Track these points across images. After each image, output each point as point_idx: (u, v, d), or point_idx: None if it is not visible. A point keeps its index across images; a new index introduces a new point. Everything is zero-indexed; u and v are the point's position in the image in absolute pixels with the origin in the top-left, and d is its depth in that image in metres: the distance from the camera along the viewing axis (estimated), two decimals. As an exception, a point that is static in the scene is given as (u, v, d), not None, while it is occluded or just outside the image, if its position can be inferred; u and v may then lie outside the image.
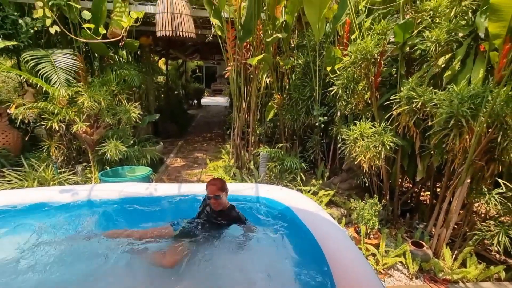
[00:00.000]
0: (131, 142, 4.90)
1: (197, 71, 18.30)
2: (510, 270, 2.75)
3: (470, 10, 2.58)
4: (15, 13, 3.92)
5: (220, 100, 17.10)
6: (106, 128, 4.37)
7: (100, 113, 4.19)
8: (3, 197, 2.97)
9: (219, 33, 4.20)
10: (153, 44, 6.73)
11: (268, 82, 5.21)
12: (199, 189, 3.32)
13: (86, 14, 2.67)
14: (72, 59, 4.05)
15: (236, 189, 3.44)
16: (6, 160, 4.12)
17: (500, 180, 2.56)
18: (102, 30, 2.57)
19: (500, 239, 2.53)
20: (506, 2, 2.00)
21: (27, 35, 4.00)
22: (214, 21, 4.05)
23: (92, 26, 2.58)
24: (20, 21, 3.93)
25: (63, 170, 4.19)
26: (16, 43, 3.88)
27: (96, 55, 5.00)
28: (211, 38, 4.54)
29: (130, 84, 4.85)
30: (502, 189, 2.55)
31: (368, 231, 3.21)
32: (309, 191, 4.22)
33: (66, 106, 4.00)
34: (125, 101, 4.54)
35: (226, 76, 4.45)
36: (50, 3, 3.33)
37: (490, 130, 2.33)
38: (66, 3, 3.38)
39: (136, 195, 3.13)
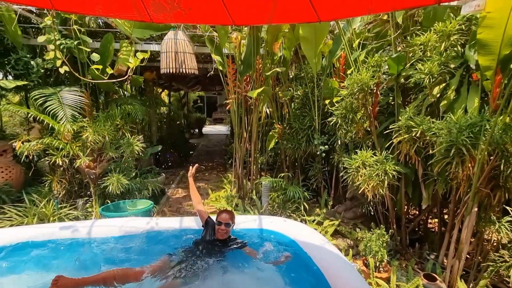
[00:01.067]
0: (133, 174, 4.90)
1: (199, 101, 18.83)
2: (531, 304, 2.60)
3: (459, 44, 2.72)
4: (28, 55, 4.15)
5: (221, 129, 17.34)
6: (109, 161, 4.40)
7: (104, 147, 4.24)
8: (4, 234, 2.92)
9: (220, 68, 4.39)
10: (157, 78, 6.99)
11: (268, 112, 5.33)
12: (200, 223, 3.26)
13: (95, 56, 2.83)
14: (78, 95, 4.20)
15: (239, 221, 3.37)
16: (7, 196, 4.11)
17: (508, 208, 2.51)
18: (109, 71, 2.71)
19: (516, 271, 2.42)
20: (492, 37, 2.12)
21: (38, 74, 4.20)
22: (216, 57, 4.26)
23: (100, 67, 2.72)
24: (32, 62, 4.15)
25: (64, 204, 4.15)
26: (26, 82, 4.05)
27: (102, 90, 5.19)
28: (212, 72, 4.74)
29: (134, 117, 4.97)
30: (511, 217, 2.49)
31: (377, 264, 3.08)
32: (313, 221, 4.13)
33: (70, 141, 4.07)
34: (129, 134, 4.63)
35: (227, 108, 4.57)
36: (61, 46, 3.54)
37: (492, 158, 2.34)
38: (76, 46, 3.58)
39: (137, 230, 3.07)
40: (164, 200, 5.59)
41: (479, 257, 2.90)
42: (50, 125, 4.00)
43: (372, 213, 3.86)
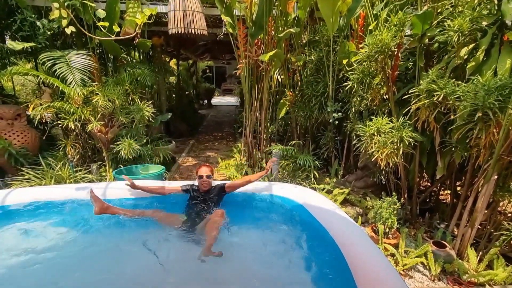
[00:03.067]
0: (144, 141, 4.94)
1: (208, 71, 18.43)
2: (541, 272, 2.59)
3: (495, -3, 2.44)
4: (33, 16, 4.03)
5: (230, 100, 17.13)
6: (120, 127, 4.42)
7: (114, 112, 4.24)
8: (25, 194, 3.05)
9: (231, 30, 4.17)
10: (165, 45, 6.78)
11: (279, 79, 5.14)
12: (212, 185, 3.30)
13: (101, 13, 2.70)
14: (87, 59, 4.12)
15: (250, 188, 3.40)
16: (25, 159, 4.23)
17: (529, 177, 2.41)
18: (116, 28, 2.59)
19: (530, 239, 2.38)
20: (538, -15, 1.87)
21: (44, 36, 4.10)
22: (226, 19, 4.03)
23: (106, 24, 2.60)
24: (38, 23, 4.03)
25: (79, 168, 4.26)
26: (34, 44, 3.97)
27: (110, 55, 5.08)
28: (222, 36, 4.52)
29: (142, 83, 4.90)
30: (532, 186, 2.40)
31: (387, 231, 3.10)
32: (323, 190, 4.13)
33: (81, 106, 4.07)
34: (138, 100, 4.59)
35: (237, 74, 4.42)
36: (65, 4, 3.39)
37: (519, 123, 2.20)
38: (81, 2, 3.43)
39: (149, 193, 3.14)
40: (175, 168, 5.69)
41: (491, 228, 2.87)
42: (60, 89, 3.98)
43: (383, 183, 3.82)
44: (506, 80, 2.17)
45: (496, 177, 2.46)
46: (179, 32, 3.28)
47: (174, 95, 9.70)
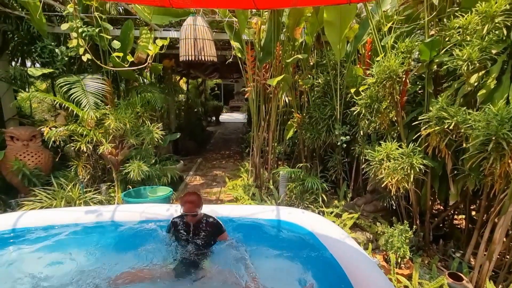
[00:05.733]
0: (153, 161, 5.01)
1: (216, 89, 18.82)
2: None
3: (504, 26, 2.45)
4: (52, 43, 4.25)
5: (238, 117, 17.32)
6: (130, 148, 4.50)
7: (125, 134, 4.33)
8: (34, 217, 3.09)
9: (239, 55, 4.29)
10: (175, 66, 7.00)
11: (287, 100, 5.20)
12: (219, 210, 3.28)
13: (116, 44, 2.83)
14: (101, 83, 4.28)
15: (256, 211, 3.37)
16: (38, 179, 4.33)
17: (549, 208, 2.31)
18: (130, 58, 2.70)
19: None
20: (546, 18, 1.87)
21: (62, 62, 4.30)
22: (235, 44, 4.15)
23: (120, 54, 2.71)
24: (57, 50, 4.24)
25: (89, 189, 4.32)
26: (52, 70, 4.17)
27: (123, 77, 5.26)
28: (230, 60, 4.64)
29: (153, 105, 5.03)
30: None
31: (399, 260, 2.98)
32: (331, 213, 4.05)
33: (93, 128, 4.19)
34: (148, 122, 4.69)
35: (246, 96, 4.49)
36: (83, 34, 3.57)
37: (535, 153, 2.14)
38: (98, 34, 3.60)
39: (157, 216, 3.13)
40: (182, 187, 5.71)
41: (511, 258, 2.73)
42: (75, 112, 4.12)
43: (394, 207, 3.72)
44: (519, 109, 2.13)
45: (513, 208, 2.37)
46: (190, 59, 3.39)
47: (183, 113, 9.88)
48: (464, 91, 2.61)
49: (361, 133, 3.85)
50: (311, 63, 5.02)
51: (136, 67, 3.13)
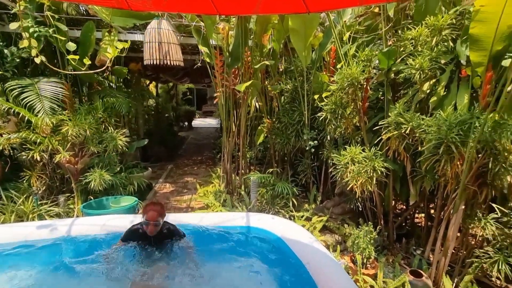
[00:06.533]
0: (118, 169, 4.74)
1: (188, 93, 18.48)
2: (512, 298, 2.65)
3: (450, 39, 2.66)
4: (1, 43, 3.88)
5: (211, 122, 17.14)
6: (91, 156, 4.22)
7: (86, 141, 4.06)
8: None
9: (208, 59, 4.23)
10: (143, 69, 6.75)
11: (257, 106, 5.22)
12: (187, 219, 3.17)
13: (71, 46, 2.64)
14: (58, 87, 3.98)
15: (226, 218, 3.31)
16: (-18, 192, 3.89)
17: (494, 205, 2.52)
18: (87, 61, 2.53)
19: (500, 267, 2.45)
20: (485, 32, 2.06)
21: (12, 64, 3.94)
22: (203, 49, 4.10)
23: (76, 57, 2.53)
24: (6, 50, 3.88)
25: (45, 201, 3.97)
26: (1, 72, 3.80)
27: (84, 81, 4.95)
28: (199, 64, 4.57)
29: (118, 110, 4.78)
30: (497, 214, 2.50)
31: (364, 261, 3.08)
32: (302, 217, 4.10)
33: (49, 135, 3.87)
34: (112, 128, 4.44)
35: (215, 101, 4.44)
36: (35, 34, 3.30)
37: (480, 155, 2.32)
38: (52, 35, 3.36)
39: (119, 229, 2.95)
40: (151, 195, 5.47)
41: (464, 252, 2.93)
42: (27, 118, 3.78)
43: (360, 209, 3.85)
44: (465, 115, 2.31)
45: (463, 206, 2.55)
46: (154, 63, 3.28)
47: (152, 119, 9.54)
48: (418, 98, 2.79)
49: (328, 138, 3.97)
50: (280, 70, 5.11)
51: (95, 71, 2.94)
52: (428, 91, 2.75)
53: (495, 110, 2.20)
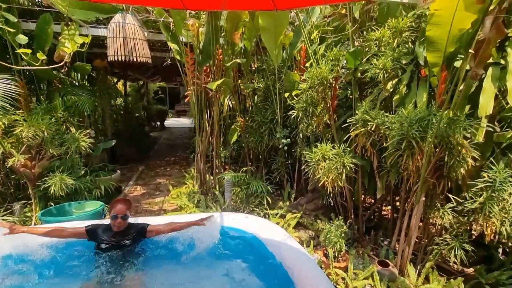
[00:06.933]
0: (82, 172, 4.45)
1: (160, 92, 17.87)
2: (468, 280, 2.88)
3: (410, 40, 2.83)
4: None
5: (185, 121, 16.74)
6: (50, 159, 3.91)
7: (44, 143, 3.75)
8: None
9: (178, 57, 4.11)
10: (109, 66, 6.39)
11: (230, 104, 5.18)
12: (156, 222, 3.05)
13: (21, 38, 2.40)
14: (10, 84, 3.63)
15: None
16: None
17: (450, 196, 2.71)
18: (41, 56, 2.32)
19: (456, 252, 2.65)
20: (439, 35, 2.21)
21: (-47, 58, 3.53)
22: (172, 46, 3.97)
23: (27, 51, 2.31)
24: None
25: (-3, 210, 3.62)
26: None
27: (42, 78, 4.57)
28: (169, 62, 4.43)
29: (80, 109, 4.47)
30: (453, 203, 2.70)
31: (336, 254, 3.18)
32: (276, 215, 4.14)
33: (0, 137, 3.52)
34: (75, 128, 4.15)
35: (186, 100, 4.32)
36: (-21, 25, 2.98)
37: (437, 150, 2.49)
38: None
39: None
40: (120, 199, 5.21)
41: (426, 241, 3.14)
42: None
43: (332, 204, 3.98)
44: (424, 112, 2.47)
45: (424, 198, 2.72)
46: (119, 59, 3.10)
47: (121, 118, 9.10)
48: (382, 97, 2.93)
49: (301, 136, 4.04)
50: (253, 68, 5.11)
51: (52, 66, 2.71)
52: (391, 90, 2.90)
53: (449, 108, 2.36)
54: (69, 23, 3.12)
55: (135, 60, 3.13)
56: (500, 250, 3.24)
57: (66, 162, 4.13)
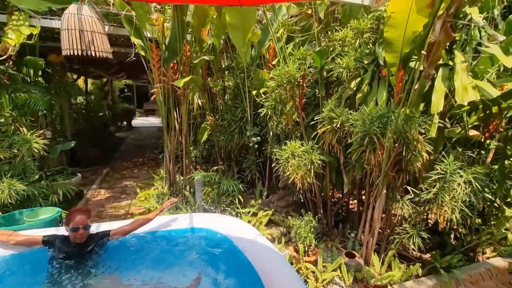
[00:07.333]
0: (37, 177, 4.08)
1: (126, 90, 17.01)
2: (425, 265, 3.11)
3: (371, 41, 2.97)
4: None
5: (154, 121, 16.14)
6: (-3, 163, 3.53)
7: (-12, 146, 3.38)
8: None
9: (142, 53, 3.92)
10: (67, 62, 5.92)
11: (200, 103, 5.07)
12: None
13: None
14: None
15: (168, 222, 3.12)
16: None
17: (409, 188, 2.90)
18: (-21, 48, 2.07)
19: (414, 240, 2.85)
20: (395, 36, 2.34)
21: None
22: (136, 41, 3.77)
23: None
24: None
25: None
26: None
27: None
28: (134, 58, 4.21)
29: (33, 108, 4.09)
30: (411, 195, 2.90)
31: (306, 249, 3.25)
32: (248, 213, 4.13)
33: None
34: (26, 129, 3.79)
35: (152, 98, 4.14)
36: None
37: (396, 145, 2.64)
38: None
39: (31, 248, 2.51)
40: (82, 204, 4.87)
41: (388, 231, 3.33)
42: None
43: (302, 200, 4.07)
44: (384, 110, 2.60)
45: (385, 190, 2.88)
46: (75, 53, 2.88)
47: (82, 118, 8.50)
48: (346, 95, 3.04)
49: (271, 134, 4.07)
50: (223, 66, 5.04)
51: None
52: (354, 88, 3.03)
53: (406, 105, 2.52)
54: (13, 12, 2.81)
55: (93, 55, 2.93)
56: (452, 236, 3.55)
57: (17, 166, 3.76)
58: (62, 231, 2.52)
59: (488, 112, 2.80)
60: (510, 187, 3.44)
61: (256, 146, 4.31)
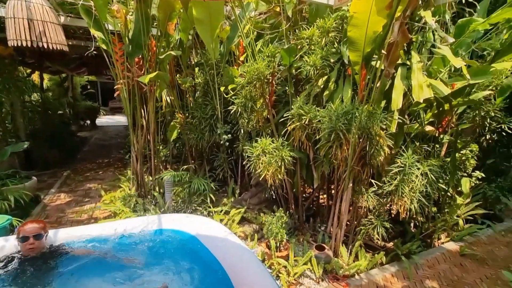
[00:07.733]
0: (-18, 182, 3.69)
1: (89, 87, 15.96)
2: (388, 253, 3.31)
3: (337, 40, 3.06)
4: None
5: (121, 119, 15.35)
6: None
7: None
8: None
9: (104, 46, 3.68)
10: (17, 54, 5.40)
11: (169, 100, 4.89)
12: (84, 232, 2.71)
13: None
14: None
15: (135, 224, 2.99)
16: None
17: (373, 181, 3.05)
18: None
19: (378, 230, 3.01)
20: (358, 36, 2.44)
21: None
22: (96, 33, 3.53)
23: None
24: None
25: None
26: None
27: None
28: (94, 52, 3.94)
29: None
30: (375, 187, 3.05)
31: (278, 244, 3.29)
32: (221, 212, 4.09)
33: None
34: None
35: (116, 94, 3.92)
36: None
37: (360, 140, 2.76)
38: None
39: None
40: (38, 210, 4.48)
41: (355, 223, 3.48)
42: None
43: (274, 197, 4.11)
44: (349, 107, 2.70)
45: (351, 184, 3.00)
46: (23, 45, 2.62)
47: (38, 116, 7.82)
48: (314, 92, 3.11)
49: (242, 131, 4.04)
50: (193, 62, 4.90)
51: None
52: (322, 86, 3.10)
53: (368, 102, 2.64)
54: None
55: (45, 46, 2.68)
56: (412, 224, 3.81)
57: (-43, 170, 3.35)
58: (11, 241, 2.29)
59: (441, 109, 3.02)
60: (460, 177, 3.78)
61: (228, 143, 4.26)
